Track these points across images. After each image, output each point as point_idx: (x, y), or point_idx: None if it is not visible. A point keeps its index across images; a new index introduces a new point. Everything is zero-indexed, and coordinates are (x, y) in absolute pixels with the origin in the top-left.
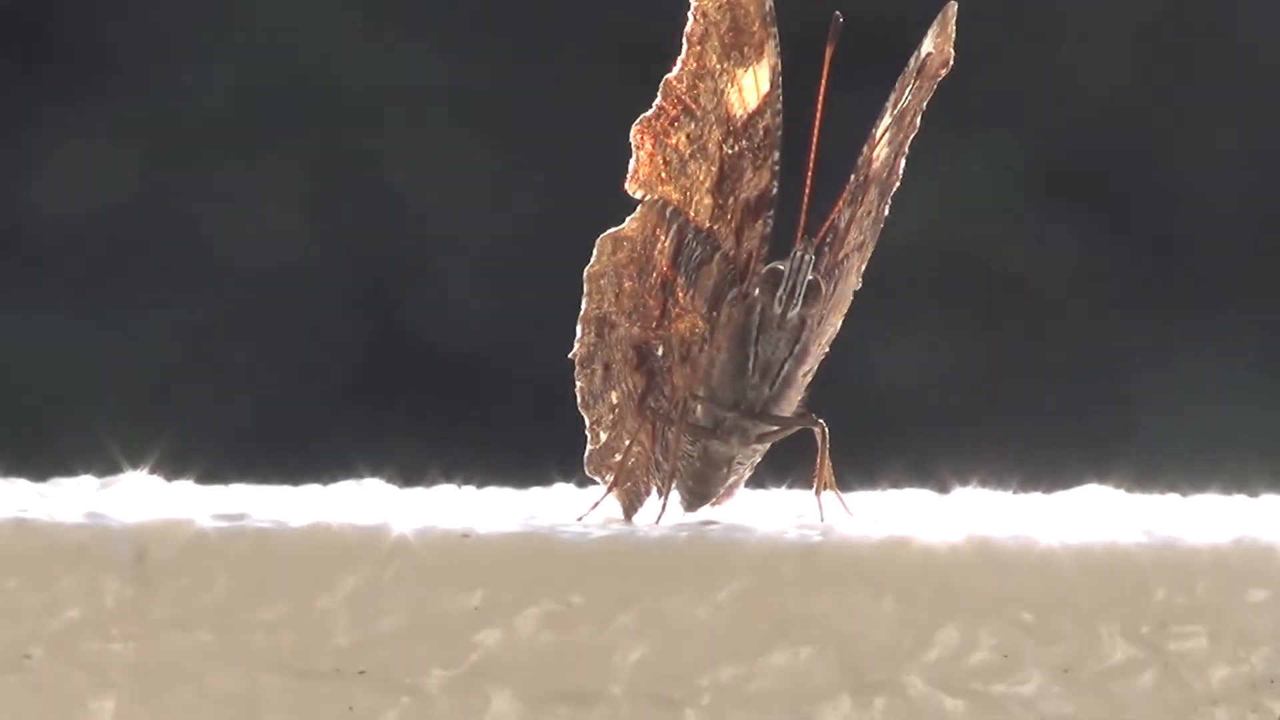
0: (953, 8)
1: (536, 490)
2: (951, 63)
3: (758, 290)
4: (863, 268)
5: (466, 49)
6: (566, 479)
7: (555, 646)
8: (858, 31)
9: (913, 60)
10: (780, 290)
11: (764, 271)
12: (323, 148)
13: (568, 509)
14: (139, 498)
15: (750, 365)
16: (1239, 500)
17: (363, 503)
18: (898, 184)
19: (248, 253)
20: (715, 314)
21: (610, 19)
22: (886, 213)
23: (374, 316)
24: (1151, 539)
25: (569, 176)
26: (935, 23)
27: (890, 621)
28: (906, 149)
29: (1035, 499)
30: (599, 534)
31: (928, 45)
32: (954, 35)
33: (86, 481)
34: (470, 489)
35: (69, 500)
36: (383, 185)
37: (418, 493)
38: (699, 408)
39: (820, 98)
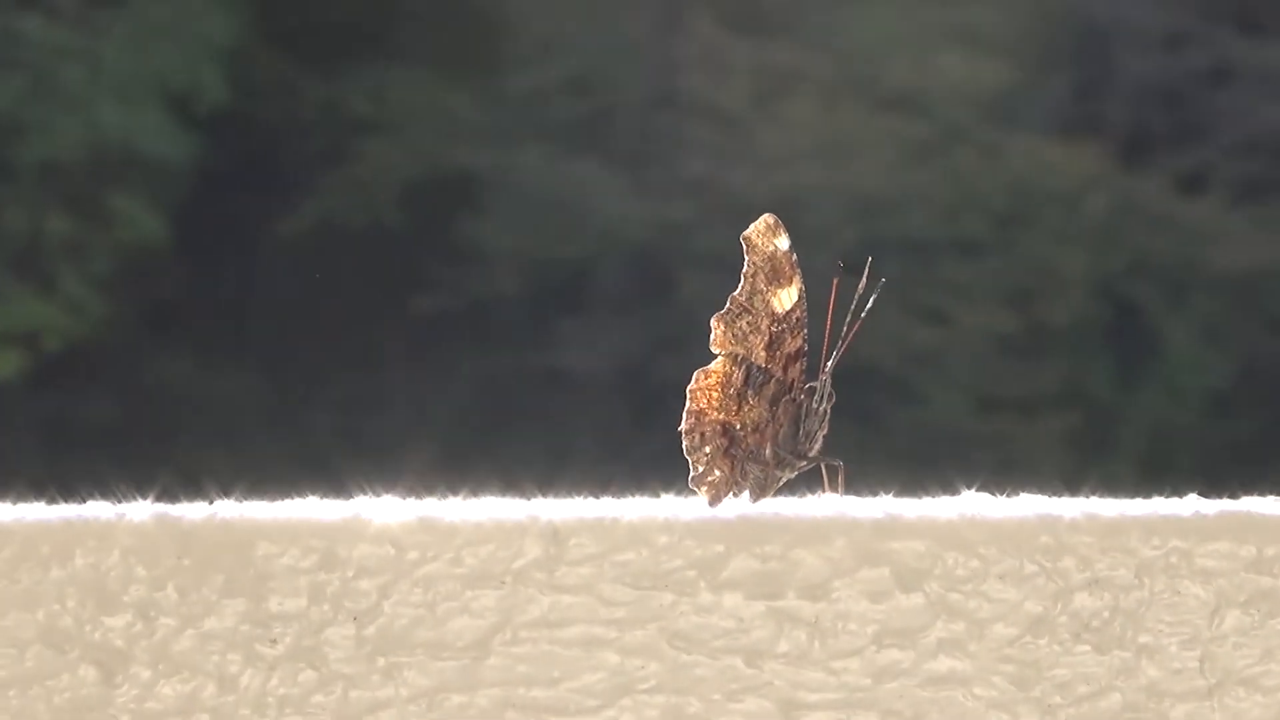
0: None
1: (666, 497)
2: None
3: (803, 397)
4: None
5: None
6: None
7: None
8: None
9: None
10: (816, 397)
11: (806, 387)
12: None
13: (692, 506)
14: None
15: (800, 433)
16: None
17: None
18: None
19: None
20: (775, 408)
21: None
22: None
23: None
24: None
25: None
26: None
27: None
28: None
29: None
30: (748, 511)
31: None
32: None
33: None
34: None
35: None
36: None
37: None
38: (767, 453)
39: (831, 302)
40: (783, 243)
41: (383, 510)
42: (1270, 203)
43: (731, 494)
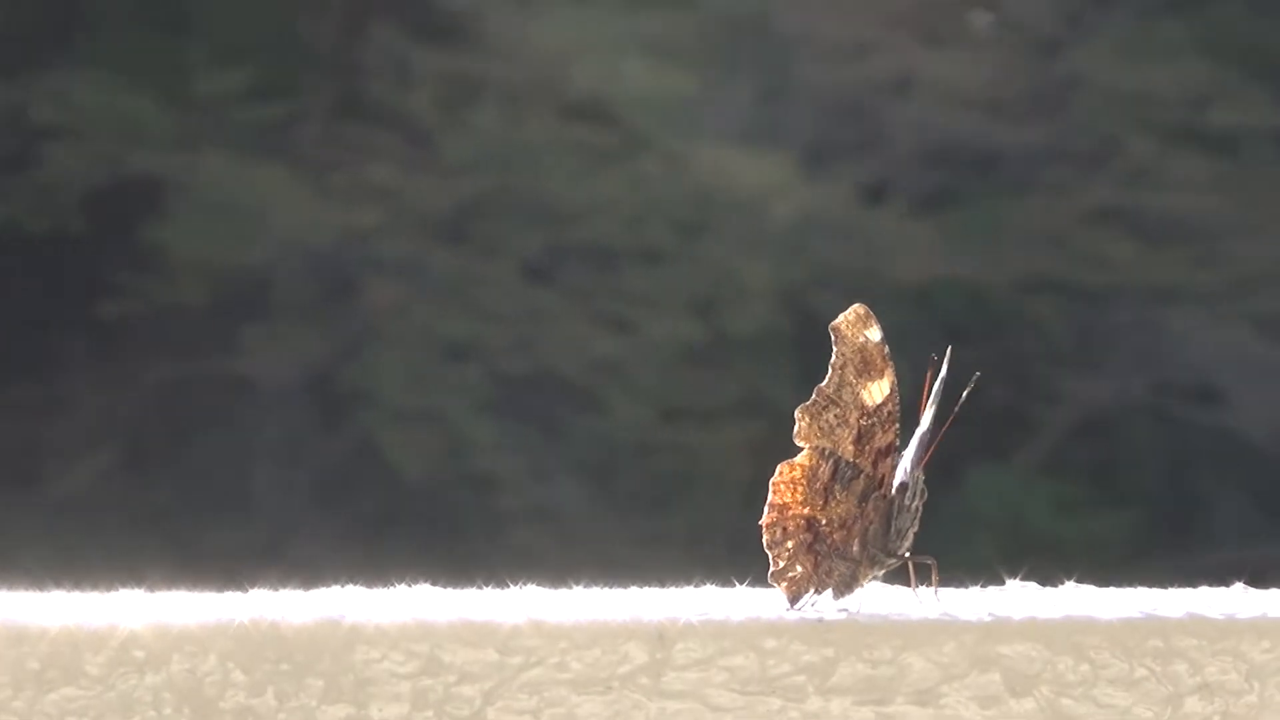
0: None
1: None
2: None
3: (895, 494)
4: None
5: None
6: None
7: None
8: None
9: (937, 385)
10: (909, 494)
11: (899, 484)
12: None
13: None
14: None
15: (891, 530)
16: None
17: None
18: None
19: None
20: (864, 504)
21: None
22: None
23: None
24: None
25: None
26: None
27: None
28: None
29: None
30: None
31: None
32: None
33: None
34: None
35: None
36: None
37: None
38: (855, 550)
39: (925, 395)
40: (874, 334)
41: (488, 610)
42: (949, 213)
43: (813, 591)
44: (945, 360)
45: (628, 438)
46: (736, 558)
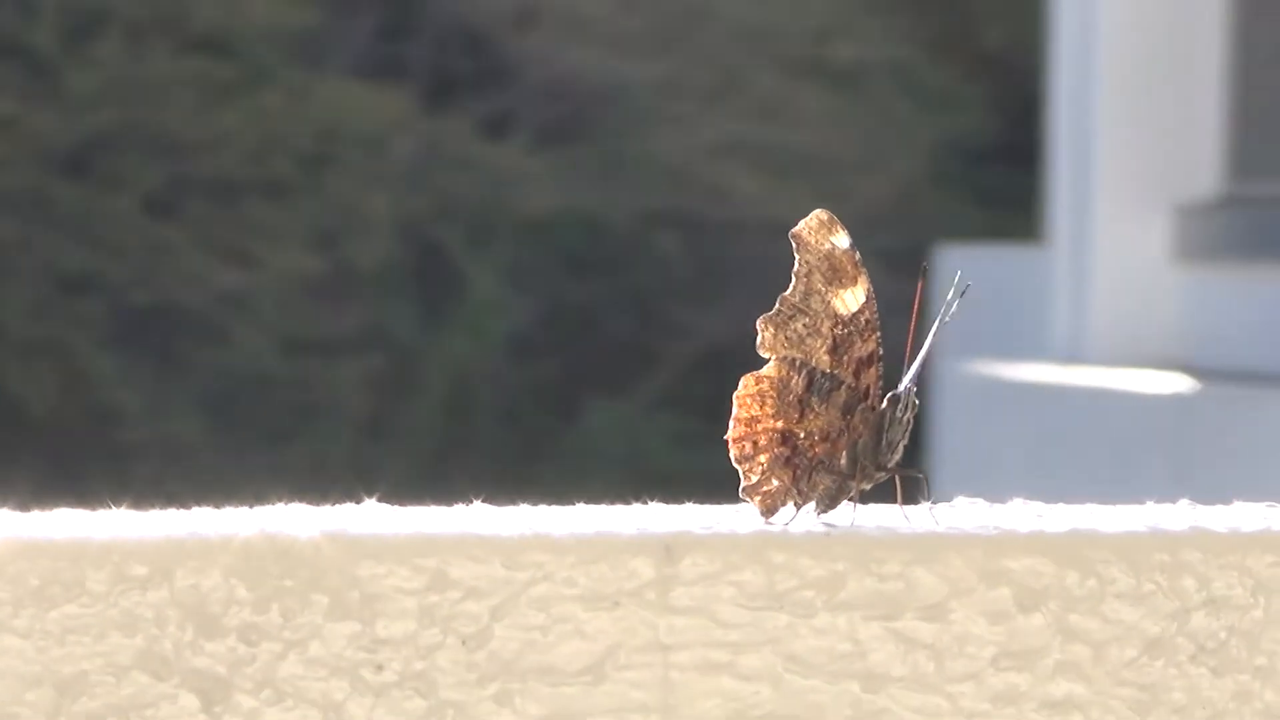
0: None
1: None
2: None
3: (885, 405)
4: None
5: None
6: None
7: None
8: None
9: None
10: (900, 405)
11: (890, 395)
12: None
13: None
14: None
15: (883, 443)
16: None
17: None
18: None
19: None
20: (850, 416)
21: None
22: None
23: None
24: None
25: None
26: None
27: None
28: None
29: None
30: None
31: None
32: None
33: None
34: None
35: None
36: None
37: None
38: (843, 462)
39: (915, 307)
40: (841, 240)
41: (494, 525)
42: (570, 147)
43: (792, 504)
44: (959, 281)
45: (249, 371)
46: (355, 491)
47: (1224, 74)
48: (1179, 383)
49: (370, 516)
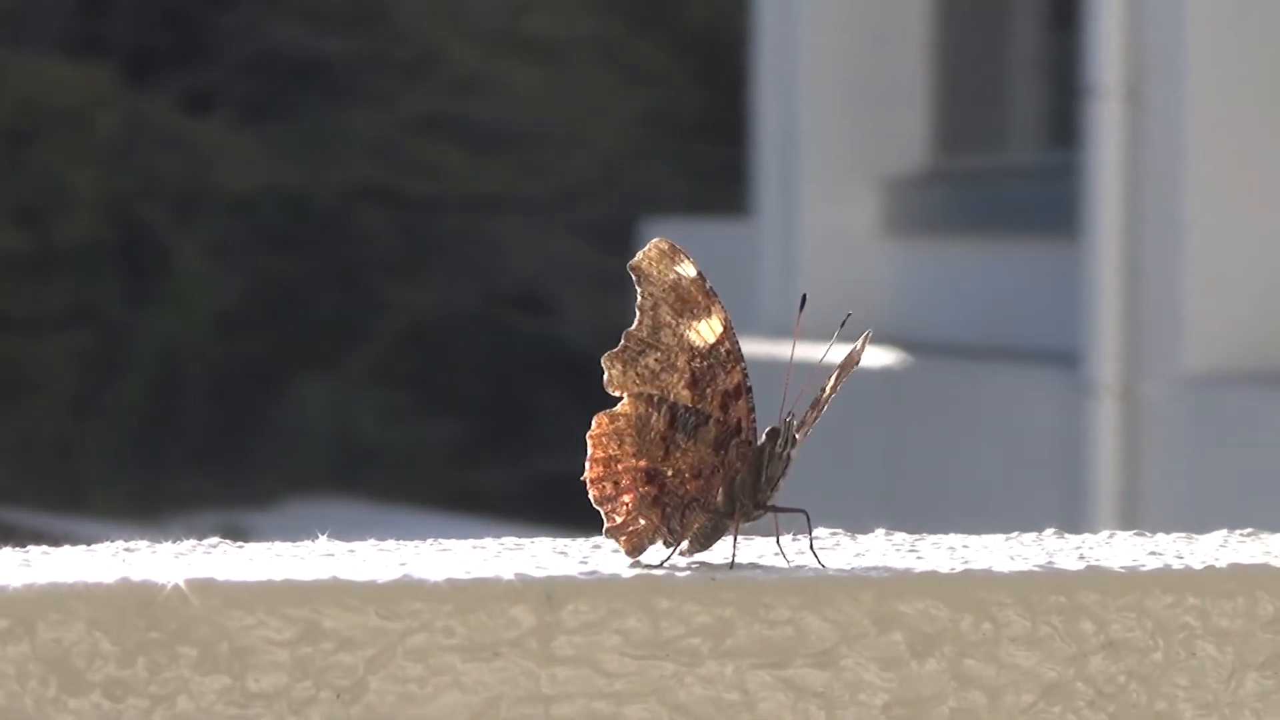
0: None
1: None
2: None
3: (764, 439)
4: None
5: None
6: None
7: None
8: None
9: (849, 356)
10: (778, 441)
11: (769, 430)
12: None
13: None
14: None
15: (762, 480)
16: None
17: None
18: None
19: None
20: (724, 452)
21: None
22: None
23: None
24: None
25: None
26: (863, 339)
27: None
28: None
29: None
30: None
31: (859, 347)
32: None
33: None
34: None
35: None
36: None
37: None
38: (719, 499)
39: (795, 338)
40: (687, 270)
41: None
42: (273, 122)
43: (662, 543)
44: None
45: None
46: (64, 470)
47: (929, 49)
48: (889, 356)
49: (235, 562)
